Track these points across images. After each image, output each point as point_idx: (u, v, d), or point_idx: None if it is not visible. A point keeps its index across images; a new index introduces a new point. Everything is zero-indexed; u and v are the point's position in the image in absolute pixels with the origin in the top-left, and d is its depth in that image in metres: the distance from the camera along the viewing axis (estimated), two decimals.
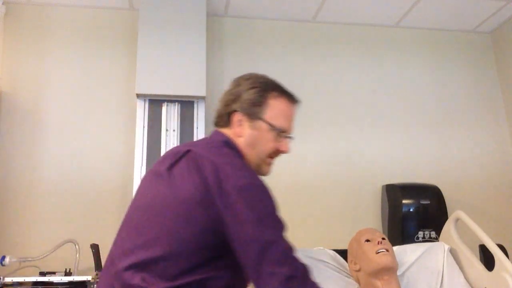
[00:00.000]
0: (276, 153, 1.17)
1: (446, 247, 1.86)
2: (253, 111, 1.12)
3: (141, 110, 2.38)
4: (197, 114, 2.42)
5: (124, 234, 1.05)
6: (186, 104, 2.43)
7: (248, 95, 1.13)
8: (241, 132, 1.13)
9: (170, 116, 2.38)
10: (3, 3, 2.57)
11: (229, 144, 1.12)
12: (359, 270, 1.67)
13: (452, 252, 1.86)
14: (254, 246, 0.90)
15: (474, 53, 3.14)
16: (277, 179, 2.64)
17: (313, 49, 2.93)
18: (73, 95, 2.58)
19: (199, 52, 2.43)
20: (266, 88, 1.15)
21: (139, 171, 2.28)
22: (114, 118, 2.55)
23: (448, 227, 1.95)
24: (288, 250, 0.93)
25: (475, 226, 1.76)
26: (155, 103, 2.39)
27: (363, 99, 2.89)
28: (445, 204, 2.52)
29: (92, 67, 2.63)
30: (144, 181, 1.12)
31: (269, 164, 1.17)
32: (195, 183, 0.97)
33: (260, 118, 1.12)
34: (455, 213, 1.90)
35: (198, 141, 1.20)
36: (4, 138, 2.45)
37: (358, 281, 1.69)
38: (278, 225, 0.97)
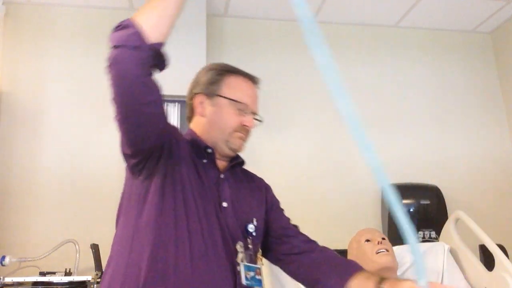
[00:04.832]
0: (242, 128, 1.16)
1: (446, 247, 1.86)
2: (211, 89, 1.17)
3: None
4: None
5: None
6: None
7: (206, 76, 1.19)
8: (203, 111, 1.17)
9: (170, 116, 2.38)
10: (3, 3, 2.57)
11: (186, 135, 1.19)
12: None
13: (452, 252, 1.86)
14: None
15: (474, 53, 3.14)
16: (277, 179, 2.64)
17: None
18: (73, 95, 2.58)
19: (199, 52, 2.43)
20: (223, 68, 1.21)
21: None
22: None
23: (448, 227, 1.95)
24: None
25: (475, 226, 1.76)
26: None
27: (363, 99, 2.89)
28: (445, 204, 2.52)
29: (92, 67, 2.63)
30: None
31: (240, 138, 1.17)
32: None
33: (218, 95, 1.16)
34: (455, 213, 1.90)
35: None
36: (4, 138, 2.45)
37: None
38: None
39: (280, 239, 1.27)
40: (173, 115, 2.39)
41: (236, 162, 1.22)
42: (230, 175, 1.19)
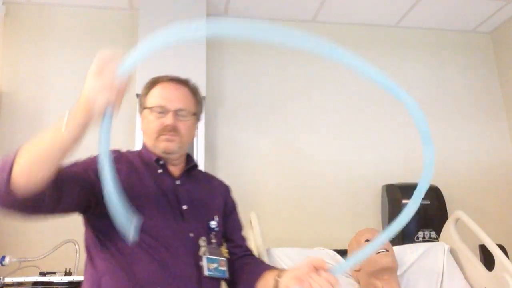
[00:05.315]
0: (165, 129, 1.23)
1: (446, 247, 1.86)
2: (141, 104, 1.31)
3: None
4: None
5: None
6: None
7: (141, 95, 1.33)
8: (141, 126, 1.31)
9: None
10: (3, 3, 2.56)
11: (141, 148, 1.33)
12: (359, 270, 1.67)
13: (452, 252, 1.86)
14: None
15: (474, 53, 3.14)
16: (277, 179, 2.64)
17: None
18: (73, 95, 2.57)
19: (199, 52, 2.43)
20: (149, 82, 1.32)
21: None
22: (114, 118, 2.55)
23: (448, 227, 1.95)
24: None
25: (475, 226, 1.76)
26: None
27: (363, 99, 2.89)
28: (445, 204, 2.52)
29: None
30: None
31: (164, 140, 1.23)
32: None
33: (143, 108, 1.29)
34: (455, 213, 1.90)
35: None
36: (4, 138, 2.45)
37: (358, 281, 1.70)
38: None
39: (232, 245, 1.34)
40: None
41: (189, 166, 1.31)
42: (186, 179, 1.28)
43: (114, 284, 1.08)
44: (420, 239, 2.40)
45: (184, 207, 1.21)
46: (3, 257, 2.06)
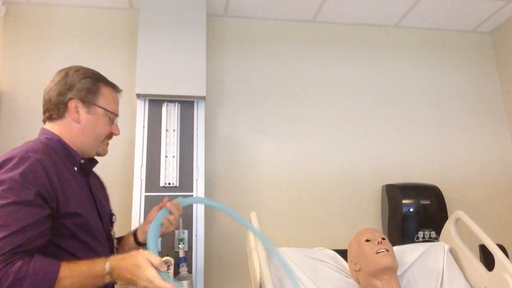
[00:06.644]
0: (110, 135, 1.33)
1: (446, 247, 1.86)
2: (89, 98, 1.26)
3: (141, 110, 2.38)
4: (197, 114, 2.42)
5: None
6: (186, 104, 2.43)
7: (83, 84, 1.26)
8: (78, 118, 1.25)
9: (170, 116, 2.38)
10: (3, 3, 2.57)
11: (49, 140, 1.24)
12: (359, 270, 1.67)
13: (452, 252, 1.86)
14: None
15: (474, 53, 3.14)
16: (277, 179, 2.64)
17: (313, 49, 2.93)
18: None
19: (199, 52, 2.43)
20: (97, 77, 1.32)
21: (139, 171, 2.27)
22: None
23: (448, 227, 1.95)
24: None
25: (475, 226, 1.76)
26: (155, 103, 2.39)
27: (363, 99, 2.90)
28: (445, 204, 2.53)
29: (92, 67, 2.61)
30: None
31: (107, 145, 1.34)
32: None
33: (96, 104, 1.26)
34: (455, 213, 1.90)
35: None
36: (4, 138, 2.45)
37: (358, 281, 1.70)
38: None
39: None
40: (173, 115, 2.38)
41: (95, 163, 1.38)
42: (91, 177, 1.35)
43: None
44: (420, 239, 2.41)
45: (98, 204, 1.29)
46: None
